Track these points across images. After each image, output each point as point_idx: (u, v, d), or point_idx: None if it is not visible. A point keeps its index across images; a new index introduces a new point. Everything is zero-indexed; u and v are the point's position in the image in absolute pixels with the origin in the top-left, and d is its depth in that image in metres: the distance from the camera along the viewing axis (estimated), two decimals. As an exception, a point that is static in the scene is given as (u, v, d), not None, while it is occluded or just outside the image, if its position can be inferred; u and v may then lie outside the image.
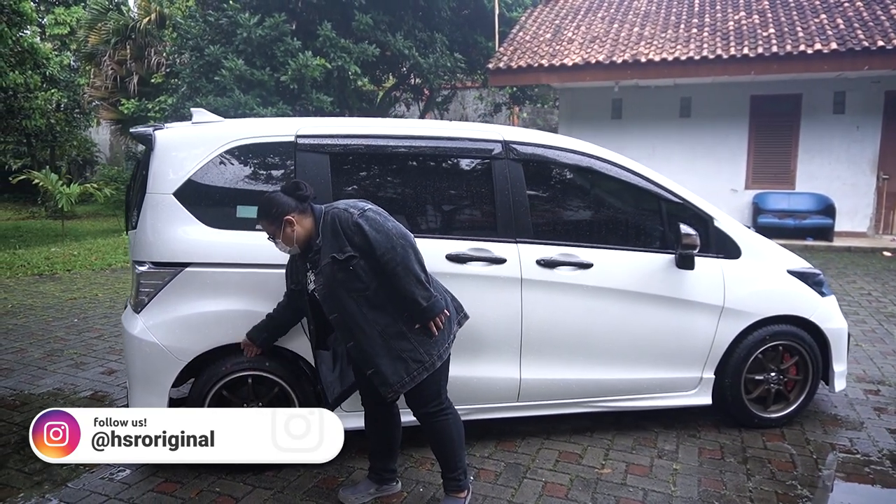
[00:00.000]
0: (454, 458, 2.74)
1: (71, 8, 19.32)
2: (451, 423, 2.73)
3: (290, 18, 11.25)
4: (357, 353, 2.61)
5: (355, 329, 2.57)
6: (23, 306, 6.71)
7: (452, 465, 2.75)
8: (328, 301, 2.58)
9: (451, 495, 2.77)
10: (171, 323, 3.03)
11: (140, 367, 3.08)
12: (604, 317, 3.39)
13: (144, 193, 3.07)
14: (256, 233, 3.07)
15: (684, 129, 11.96)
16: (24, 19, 12.05)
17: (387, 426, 2.88)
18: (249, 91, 10.93)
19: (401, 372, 2.59)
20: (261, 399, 3.15)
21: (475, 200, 3.38)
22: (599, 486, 3.06)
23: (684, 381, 3.57)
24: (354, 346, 2.60)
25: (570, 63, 11.14)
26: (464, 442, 2.78)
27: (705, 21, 11.55)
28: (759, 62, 10.17)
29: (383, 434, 2.89)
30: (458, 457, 2.75)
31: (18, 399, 4.18)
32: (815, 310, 3.66)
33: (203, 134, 3.15)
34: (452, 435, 2.74)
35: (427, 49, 12.38)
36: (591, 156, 3.46)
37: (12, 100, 12.66)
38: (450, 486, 2.78)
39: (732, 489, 3.04)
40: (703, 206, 3.56)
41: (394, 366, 2.58)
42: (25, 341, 5.42)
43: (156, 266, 3.05)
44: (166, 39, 13.84)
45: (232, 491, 3.01)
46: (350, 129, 3.26)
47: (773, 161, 11.60)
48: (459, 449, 2.75)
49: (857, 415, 3.91)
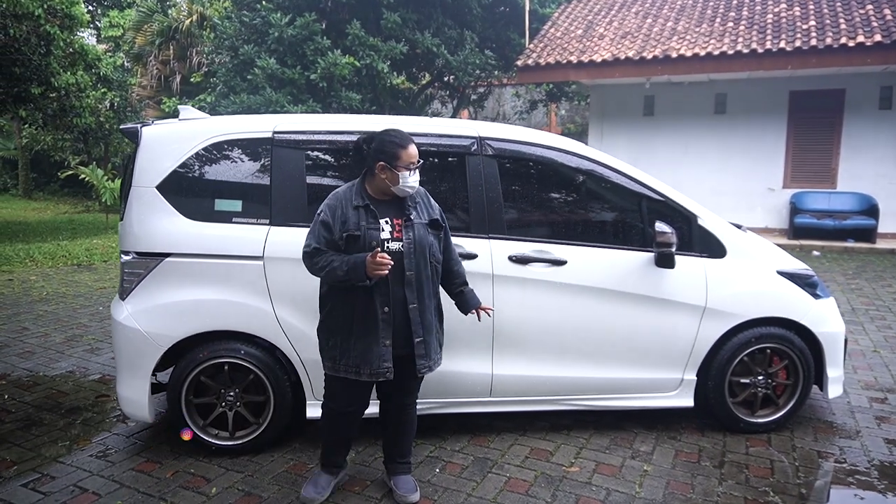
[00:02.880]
0: (411, 444, 2.98)
1: (124, 11, 20.18)
2: (416, 413, 2.95)
3: (321, 18, 11.47)
4: (418, 316, 2.66)
5: (423, 293, 2.67)
6: (56, 294, 7.10)
7: (409, 450, 2.95)
8: (412, 256, 2.63)
9: (407, 475, 2.94)
10: (153, 310, 3.18)
11: (125, 351, 3.24)
12: (578, 314, 3.37)
13: (130, 186, 3.23)
14: (233, 225, 3.21)
15: (719, 125, 11.61)
16: (75, 22, 12.66)
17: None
18: (281, 89, 11.20)
19: (439, 352, 2.79)
20: (237, 385, 3.27)
21: (449, 196, 3.40)
22: (563, 483, 3.05)
23: (664, 382, 3.51)
24: (418, 307, 2.66)
25: (598, 59, 10.97)
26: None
27: (742, 14, 11.17)
28: (796, 56, 9.78)
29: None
30: (412, 443, 3.00)
31: (32, 380, 4.44)
32: (807, 312, 3.53)
33: (185, 130, 3.28)
34: (416, 424, 2.94)
35: (457, 47, 12.40)
36: (568, 152, 3.43)
37: (65, 99, 13.30)
38: (403, 469, 2.94)
39: (700, 493, 2.97)
40: (686, 204, 3.49)
41: (435, 344, 2.76)
42: (51, 327, 5.75)
43: (139, 256, 3.21)
44: (205, 40, 14.32)
45: (206, 473, 3.14)
46: (325, 125, 3.34)
47: (813, 159, 11.14)
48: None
49: (855, 423, 3.75)
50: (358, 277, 2.50)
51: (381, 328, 2.61)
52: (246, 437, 3.29)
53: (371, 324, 2.61)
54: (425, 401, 3.37)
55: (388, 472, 2.97)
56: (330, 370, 2.73)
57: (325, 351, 2.74)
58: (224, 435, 3.30)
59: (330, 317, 2.70)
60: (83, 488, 2.99)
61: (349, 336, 2.65)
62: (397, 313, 2.65)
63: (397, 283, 2.62)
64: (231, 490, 2.98)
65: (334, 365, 2.69)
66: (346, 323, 2.65)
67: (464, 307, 2.90)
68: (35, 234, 12.59)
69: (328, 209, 2.63)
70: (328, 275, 2.58)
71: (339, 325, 2.67)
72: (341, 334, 2.66)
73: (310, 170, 3.26)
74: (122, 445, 3.45)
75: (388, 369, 2.64)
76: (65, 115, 13.77)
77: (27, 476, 3.11)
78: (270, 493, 2.96)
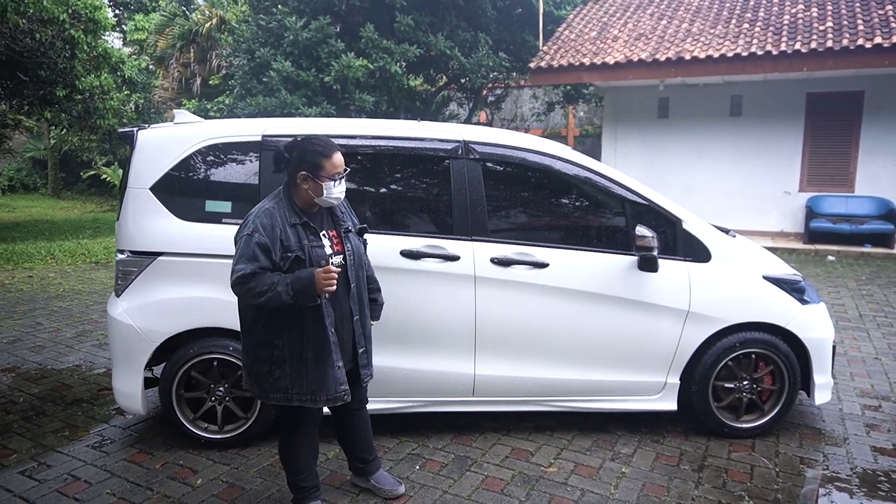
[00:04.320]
0: (373, 440, 2.99)
1: (149, 14, 20.64)
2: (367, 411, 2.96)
3: (335, 21, 11.61)
4: (360, 327, 2.66)
5: (363, 303, 2.67)
6: (72, 291, 7.33)
7: (373, 446, 2.98)
8: (353, 268, 2.60)
9: (382, 471, 3.00)
10: (145, 307, 3.30)
11: (119, 347, 3.37)
12: (560, 316, 3.40)
13: (126, 188, 3.36)
14: (222, 226, 3.31)
15: (734, 128, 11.48)
16: (99, 26, 13.01)
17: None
18: (296, 91, 11.37)
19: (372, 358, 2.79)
20: (227, 380, 3.37)
21: (433, 198, 3.47)
22: (539, 483, 3.09)
23: (647, 386, 3.53)
24: (360, 319, 2.66)
25: (612, 61, 10.93)
26: None
27: (759, 16, 11.04)
28: (812, 58, 9.64)
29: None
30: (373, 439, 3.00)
31: (40, 373, 4.62)
32: (793, 318, 3.52)
33: (179, 134, 3.40)
34: (369, 420, 2.95)
35: (471, 49, 12.46)
36: (551, 156, 3.47)
37: (89, 101, 13.68)
38: (375, 465, 2.98)
39: (674, 496, 2.99)
40: (670, 208, 3.50)
41: (371, 351, 2.78)
42: (63, 322, 5.95)
43: (133, 254, 3.33)
44: (223, 43, 14.59)
45: (194, 464, 3.25)
46: (313, 128, 3.42)
47: (830, 162, 10.96)
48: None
49: (843, 430, 3.73)
50: (307, 298, 2.38)
51: (334, 351, 2.50)
52: (234, 430, 3.40)
53: (324, 348, 2.49)
54: (408, 399, 3.44)
55: (360, 475, 2.98)
56: (283, 401, 2.55)
57: (272, 384, 2.53)
58: (213, 428, 3.41)
59: (274, 347, 2.50)
60: (76, 477, 3.12)
61: (300, 363, 2.49)
62: (343, 328, 2.59)
63: (342, 297, 2.56)
64: (216, 481, 3.08)
65: (287, 395, 2.53)
66: (296, 350, 2.49)
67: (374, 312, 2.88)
68: (59, 232, 12.96)
69: (263, 230, 2.41)
70: (270, 300, 2.36)
71: (286, 354, 2.50)
72: (290, 363, 2.50)
73: (297, 172, 3.35)
74: (117, 437, 3.58)
75: (345, 391, 2.55)
76: (89, 116, 14.16)
77: (25, 464, 3.26)
78: (254, 485, 3.06)
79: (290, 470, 2.74)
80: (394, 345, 3.30)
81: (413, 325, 3.32)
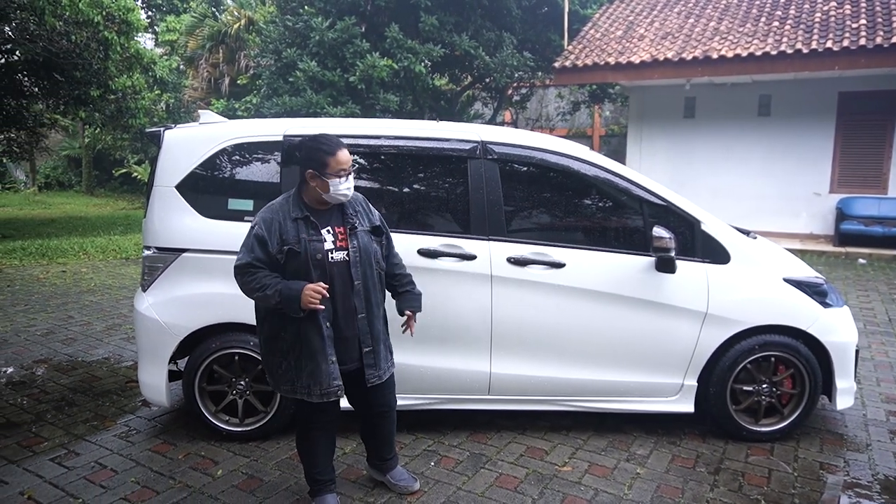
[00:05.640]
0: (394, 440, 3.02)
1: (180, 16, 21.08)
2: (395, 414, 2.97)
3: (360, 21, 11.72)
4: (366, 326, 2.65)
5: (371, 302, 2.65)
6: (103, 286, 7.54)
7: (394, 446, 3.02)
8: (360, 265, 2.60)
9: (399, 468, 3.04)
10: (170, 302, 3.40)
11: (145, 340, 3.48)
12: (576, 316, 3.41)
13: (153, 186, 3.47)
14: (244, 223, 3.38)
15: (763, 128, 11.28)
16: (131, 28, 13.34)
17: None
18: (321, 91, 11.51)
19: (389, 359, 2.79)
20: (247, 374, 3.45)
21: (450, 198, 3.50)
22: (553, 482, 3.10)
23: (663, 387, 3.51)
24: (367, 317, 2.64)
25: (637, 61, 10.83)
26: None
27: (789, 13, 10.83)
28: (844, 56, 9.43)
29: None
30: (395, 439, 3.04)
31: (71, 364, 4.78)
32: (814, 321, 3.46)
33: (204, 133, 3.49)
34: (395, 422, 2.98)
35: (496, 49, 12.46)
36: (569, 156, 3.47)
37: (122, 101, 14.05)
38: (393, 463, 3.02)
39: (689, 498, 2.98)
40: (688, 209, 3.48)
41: (385, 352, 2.77)
42: (94, 316, 6.13)
43: (159, 251, 3.43)
44: (251, 43, 14.83)
45: (215, 456, 3.33)
46: (333, 129, 3.48)
47: (862, 163, 10.71)
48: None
49: (867, 436, 3.66)
50: (292, 309, 2.43)
51: (327, 345, 2.53)
52: (254, 424, 3.48)
53: (317, 342, 2.52)
54: (424, 396, 3.48)
55: (377, 470, 3.03)
56: (290, 393, 2.62)
57: (280, 375, 2.62)
58: (234, 421, 3.49)
59: (278, 339, 2.58)
60: (102, 465, 3.23)
61: (300, 357, 2.55)
62: (346, 325, 2.61)
63: (345, 294, 2.57)
64: (235, 473, 3.16)
65: (293, 387, 2.59)
66: (297, 343, 2.54)
67: (401, 304, 2.85)
68: (92, 228, 13.32)
69: (263, 223, 2.51)
70: (260, 300, 2.49)
71: (288, 345, 2.56)
72: (293, 355, 2.56)
73: (318, 172, 3.41)
74: (143, 427, 3.69)
75: (338, 387, 2.56)
76: (121, 116, 14.53)
77: (56, 451, 3.38)
78: (272, 477, 3.13)
79: (307, 462, 2.80)
80: (410, 342, 3.32)
81: (430, 322, 3.35)
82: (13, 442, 3.48)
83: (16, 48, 11.77)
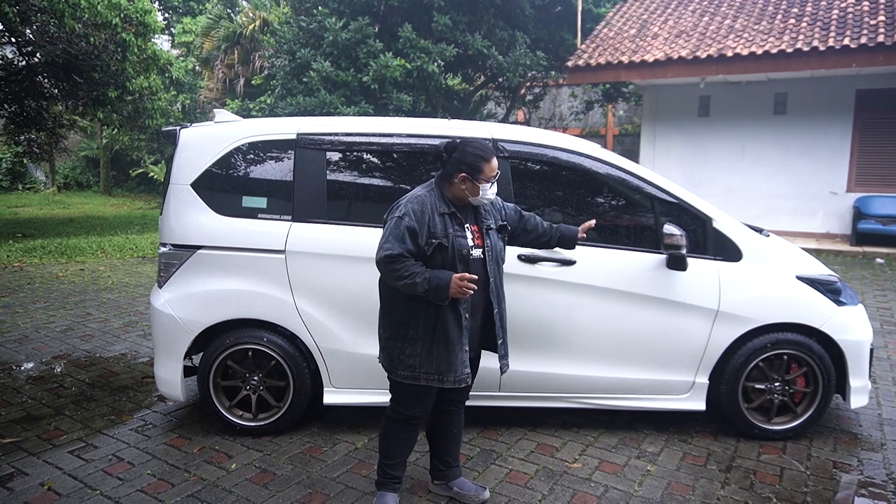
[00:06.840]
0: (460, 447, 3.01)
1: (196, 17, 21.29)
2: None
3: (373, 21, 11.78)
4: (500, 320, 2.74)
5: (502, 297, 2.75)
6: (120, 283, 7.66)
7: (458, 453, 2.98)
8: (494, 263, 2.69)
9: (461, 477, 2.98)
10: (185, 298, 3.45)
11: (161, 336, 3.53)
12: (587, 313, 3.42)
13: (169, 184, 3.52)
14: (258, 221, 3.44)
15: (779, 126, 11.17)
16: (149, 30, 13.51)
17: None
18: (335, 91, 11.59)
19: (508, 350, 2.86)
20: (261, 370, 3.50)
21: (461, 196, 3.51)
22: (563, 478, 3.11)
23: (674, 385, 3.50)
24: (499, 313, 2.73)
25: (650, 59, 10.78)
26: None
27: (806, 10, 10.72)
28: (862, 53, 9.31)
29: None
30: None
31: (89, 360, 4.86)
32: (828, 319, 3.44)
33: (218, 132, 3.54)
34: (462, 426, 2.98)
35: (508, 48, 12.46)
36: (580, 153, 3.48)
37: (139, 102, 14.23)
38: (458, 471, 2.96)
39: (699, 495, 2.97)
40: (700, 207, 3.47)
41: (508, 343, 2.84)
42: (111, 313, 6.23)
43: (175, 248, 3.49)
44: (266, 44, 14.96)
45: (229, 450, 3.38)
46: (346, 127, 3.52)
47: (880, 161, 10.56)
48: None
49: (881, 435, 3.63)
50: (439, 298, 2.48)
51: (464, 335, 2.61)
52: (268, 419, 3.52)
53: (454, 331, 2.58)
54: (435, 392, 3.50)
55: (443, 479, 2.95)
56: (409, 379, 2.63)
57: (402, 360, 2.63)
58: (248, 416, 3.55)
59: (409, 326, 2.61)
60: (120, 458, 3.30)
61: (432, 344, 2.58)
62: (477, 319, 2.70)
63: (480, 290, 2.61)
64: (249, 466, 3.21)
65: (414, 374, 2.62)
66: (429, 331, 2.58)
67: (569, 235, 3.05)
68: (109, 227, 13.51)
69: (414, 214, 2.53)
70: (405, 287, 2.50)
71: (420, 333, 2.59)
72: (423, 342, 2.59)
73: (330, 169, 3.46)
74: (159, 422, 3.75)
75: (468, 374, 2.64)
76: (138, 116, 14.71)
77: (74, 444, 3.45)
78: (284, 471, 3.17)
79: (384, 453, 2.81)
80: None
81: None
82: (33, 435, 3.56)
83: (36, 50, 11.96)
